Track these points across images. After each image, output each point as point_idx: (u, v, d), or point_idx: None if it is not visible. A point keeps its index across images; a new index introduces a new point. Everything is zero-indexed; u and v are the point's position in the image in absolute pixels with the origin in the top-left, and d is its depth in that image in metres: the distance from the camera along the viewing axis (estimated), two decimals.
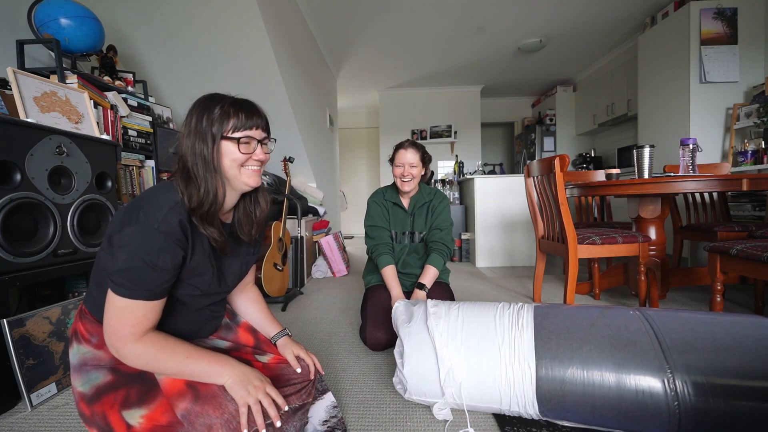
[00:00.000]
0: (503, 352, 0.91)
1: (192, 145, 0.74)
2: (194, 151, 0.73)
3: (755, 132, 2.85)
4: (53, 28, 1.64)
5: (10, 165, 1.15)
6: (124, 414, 0.70)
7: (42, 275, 1.24)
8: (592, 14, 3.68)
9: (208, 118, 0.74)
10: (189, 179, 0.73)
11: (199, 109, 0.76)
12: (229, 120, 0.75)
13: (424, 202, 1.73)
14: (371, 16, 3.63)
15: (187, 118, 0.76)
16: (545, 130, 5.60)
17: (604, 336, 0.81)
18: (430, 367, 0.97)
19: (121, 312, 0.67)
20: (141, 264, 0.66)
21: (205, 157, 0.73)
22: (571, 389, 0.78)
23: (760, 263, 1.24)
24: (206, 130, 0.74)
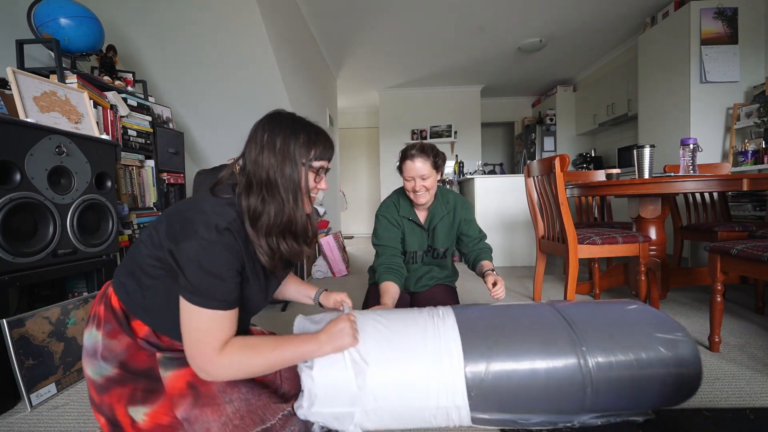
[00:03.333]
0: (428, 347, 0.82)
1: (279, 165, 0.73)
2: (282, 172, 0.74)
3: (755, 132, 2.85)
4: (53, 27, 1.64)
5: (9, 165, 1.15)
6: (130, 410, 0.72)
7: (42, 275, 1.24)
8: (592, 14, 3.68)
9: (296, 143, 0.75)
10: (271, 198, 0.74)
11: (285, 130, 0.76)
12: (312, 149, 0.77)
13: (443, 214, 1.49)
14: (371, 16, 3.63)
15: (267, 135, 0.75)
16: (545, 130, 5.60)
17: (522, 324, 0.85)
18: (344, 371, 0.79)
19: (200, 325, 0.67)
20: (209, 276, 0.67)
21: (295, 180, 0.74)
22: (498, 375, 0.78)
23: (761, 263, 1.24)
24: (295, 154, 0.74)
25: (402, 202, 1.51)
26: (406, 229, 1.50)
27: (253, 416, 0.73)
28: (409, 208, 1.49)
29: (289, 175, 0.74)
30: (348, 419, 0.78)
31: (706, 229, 2.25)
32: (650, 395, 0.78)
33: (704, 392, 1.14)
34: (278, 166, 0.73)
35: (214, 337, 0.68)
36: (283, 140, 0.74)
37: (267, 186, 0.73)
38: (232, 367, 0.69)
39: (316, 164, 0.78)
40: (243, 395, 0.74)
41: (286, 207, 0.74)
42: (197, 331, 0.68)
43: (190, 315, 0.68)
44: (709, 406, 1.07)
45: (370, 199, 6.99)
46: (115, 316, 0.76)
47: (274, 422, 0.75)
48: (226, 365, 0.68)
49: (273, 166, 0.73)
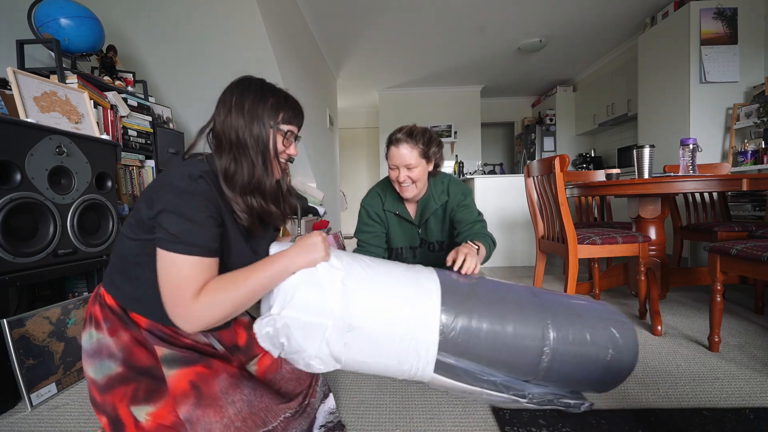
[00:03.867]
0: (409, 283, 0.82)
1: (247, 125, 0.75)
2: (251, 132, 0.75)
3: (755, 132, 2.85)
4: (53, 28, 1.64)
5: (10, 165, 1.15)
6: (133, 409, 0.72)
7: (42, 275, 1.24)
8: (592, 14, 3.68)
9: (264, 105, 0.77)
10: (242, 158, 0.75)
11: (253, 93, 0.77)
12: (280, 112, 0.79)
13: (436, 207, 1.28)
14: (371, 16, 3.63)
15: (235, 98, 0.76)
16: (545, 130, 5.60)
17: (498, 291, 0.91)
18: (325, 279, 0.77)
19: (178, 272, 0.67)
20: (185, 221, 0.67)
21: (263, 139, 0.76)
22: (469, 322, 0.81)
23: (760, 263, 1.24)
24: (262, 116, 0.76)
25: (389, 193, 1.33)
26: (390, 224, 1.33)
27: (255, 418, 0.73)
28: (396, 202, 1.31)
29: (258, 135, 0.76)
30: (317, 333, 0.73)
31: (705, 229, 2.25)
32: (595, 371, 0.84)
33: (704, 392, 1.14)
34: (247, 127, 0.75)
35: (192, 284, 0.67)
36: (252, 102, 0.76)
37: (237, 146, 0.75)
38: (211, 307, 0.67)
39: (284, 127, 0.79)
40: (245, 396, 0.74)
41: (256, 168, 0.76)
42: (176, 278, 0.67)
43: (166, 264, 0.67)
44: (708, 406, 1.07)
45: None
46: (113, 313, 0.76)
47: (276, 425, 0.75)
48: (205, 306, 0.67)
49: (242, 126, 0.75)
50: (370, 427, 1.01)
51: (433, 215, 1.30)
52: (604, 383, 0.87)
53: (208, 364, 0.75)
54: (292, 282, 0.75)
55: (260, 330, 0.73)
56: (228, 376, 0.74)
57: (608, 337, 0.84)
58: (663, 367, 1.30)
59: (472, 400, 1.12)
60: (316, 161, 3.81)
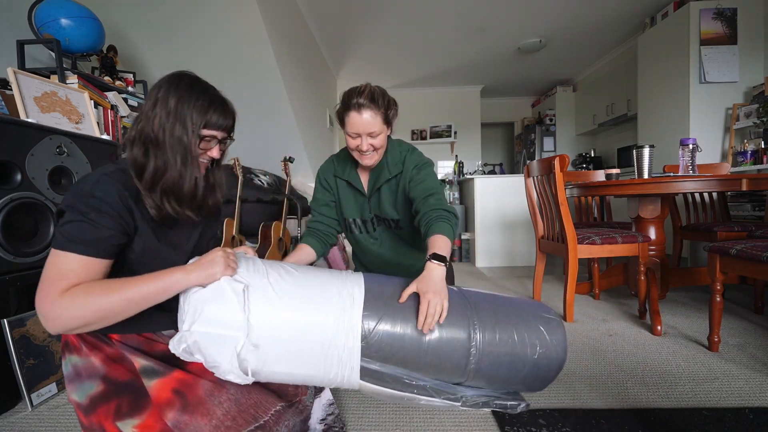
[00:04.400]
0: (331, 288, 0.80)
1: (169, 122, 0.72)
2: (172, 133, 0.73)
3: (755, 132, 2.85)
4: (54, 28, 1.64)
5: (10, 165, 1.15)
6: (119, 424, 0.70)
7: None
8: (592, 14, 3.68)
9: (189, 106, 0.74)
10: (154, 153, 0.73)
11: (180, 92, 0.74)
12: (206, 116, 0.75)
13: (389, 177, 1.17)
14: (371, 16, 3.63)
15: (161, 95, 0.74)
16: (545, 130, 5.61)
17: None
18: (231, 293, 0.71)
19: (54, 267, 0.63)
20: (77, 217, 0.65)
21: (184, 142, 0.73)
22: (392, 327, 0.80)
23: (760, 263, 1.24)
24: (186, 117, 0.73)
25: (342, 159, 1.23)
26: (341, 192, 1.24)
27: (245, 415, 0.72)
28: (350, 169, 1.21)
29: (178, 136, 0.73)
30: (228, 347, 0.69)
31: (705, 229, 2.25)
32: (523, 369, 0.85)
33: (704, 392, 1.14)
34: (168, 124, 0.73)
35: (62, 281, 0.62)
36: (178, 102, 0.73)
37: (153, 141, 0.73)
38: (72, 306, 0.61)
39: (206, 132, 0.76)
40: (232, 395, 0.73)
41: (169, 167, 0.73)
42: (48, 273, 0.63)
43: (48, 260, 0.64)
44: (708, 405, 1.07)
45: None
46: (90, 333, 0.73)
47: (267, 419, 0.74)
48: (66, 305, 0.61)
49: (162, 122, 0.73)
50: (370, 427, 1.01)
51: (386, 185, 1.19)
52: (535, 381, 0.87)
53: (187, 370, 0.74)
54: (201, 297, 0.70)
55: (176, 348, 0.70)
56: (211, 379, 0.73)
57: (536, 335, 0.84)
58: (663, 367, 1.30)
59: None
60: (316, 161, 3.81)
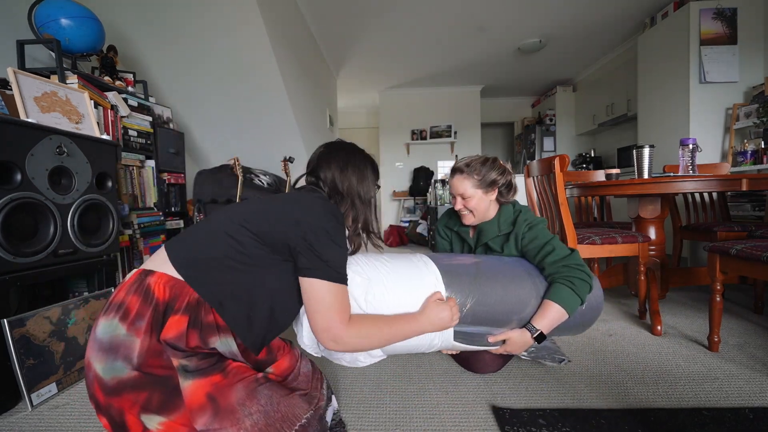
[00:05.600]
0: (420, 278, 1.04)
1: (368, 189, 1.00)
2: (367, 189, 1.00)
3: (755, 132, 2.85)
4: (53, 28, 1.64)
5: (10, 165, 1.15)
6: (143, 417, 0.69)
7: (42, 275, 1.25)
8: (592, 14, 3.68)
9: (373, 174, 1.02)
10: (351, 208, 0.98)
11: (371, 166, 1.02)
12: (377, 175, 1.05)
13: (496, 234, 1.24)
14: (371, 16, 3.63)
15: (359, 168, 0.99)
16: (545, 130, 5.61)
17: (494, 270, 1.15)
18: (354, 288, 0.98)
19: (334, 298, 0.80)
20: (338, 248, 0.82)
21: (372, 201, 1.02)
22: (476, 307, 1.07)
23: (760, 263, 1.24)
24: (372, 183, 1.01)
25: (454, 212, 1.36)
26: (453, 240, 1.41)
27: (271, 429, 0.73)
28: (458, 221, 1.35)
29: (369, 192, 1.01)
30: None
31: (705, 229, 2.25)
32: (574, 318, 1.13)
33: (704, 392, 1.14)
34: (366, 190, 1.00)
35: (344, 310, 0.82)
36: (373, 173, 1.03)
37: (357, 200, 0.99)
38: (360, 336, 0.83)
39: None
40: (262, 407, 0.73)
41: (363, 213, 1.00)
42: (332, 303, 0.80)
43: (322, 290, 0.80)
44: (708, 405, 1.07)
45: None
46: (154, 311, 0.71)
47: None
48: (355, 335, 0.82)
49: (361, 184, 0.99)
50: (370, 427, 1.01)
51: (492, 242, 1.27)
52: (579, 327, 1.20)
53: (225, 372, 0.73)
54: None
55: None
56: (244, 386, 0.73)
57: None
58: (663, 367, 1.30)
59: (471, 399, 1.12)
60: None
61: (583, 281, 1.05)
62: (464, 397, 1.14)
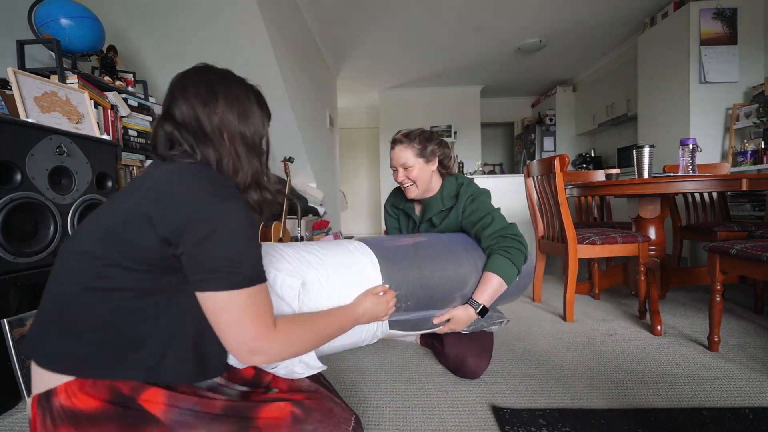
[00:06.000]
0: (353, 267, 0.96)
1: (254, 126, 0.75)
2: (254, 130, 0.75)
3: (755, 132, 2.85)
4: (53, 28, 1.64)
5: (10, 165, 1.15)
6: None
7: (42, 275, 1.24)
8: (592, 14, 3.68)
9: (259, 105, 0.78)
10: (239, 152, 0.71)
11: (253, 93, 0.77)
12: (266, 110, 0.82)
13: (441, 209, 1.25)
14: (371, 16, 3.63)
15: (236, 96, 0.72)
16: (545, 130, 5.61)
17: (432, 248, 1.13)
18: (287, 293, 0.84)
19: (245, 308, 0.60)
20: (248, 241, 0.61)
21: (262, 136, 0.78)
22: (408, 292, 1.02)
23: (760, 263, 1.24)
24: (259, 117, 0.77)
25: (399, 192, 1.39)
26: (400, 218, 1.41)
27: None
28: (403, 197, 1.36)
29: (259, 133, 0.79)
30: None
31: (705, 229, 2.25)
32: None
33: (704, 392, 1.14)
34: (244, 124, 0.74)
35: (262, 315, 0.62)
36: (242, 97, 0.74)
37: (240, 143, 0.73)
38: (288, 342, 0.66)
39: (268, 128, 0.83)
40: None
41: (254, 164, 0.74)
42: (242, 313, 0.60)
43: (223, 303, 0.59)
44: (708, 405, 1.07)
45: (370, 199, 6.99)
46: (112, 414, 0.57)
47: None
48: (282, 339, 0.64)
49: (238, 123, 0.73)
50: (370, 427, 1.01)
51: (436, 217, 1.28)
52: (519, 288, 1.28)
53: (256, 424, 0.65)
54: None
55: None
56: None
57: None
58: (663, 367, 1.30)
59: (471, 399, 1.12)
60: (316, 161, 3.81)
61: (519, 251, 1.09)
62: (464, 397, 1.14)
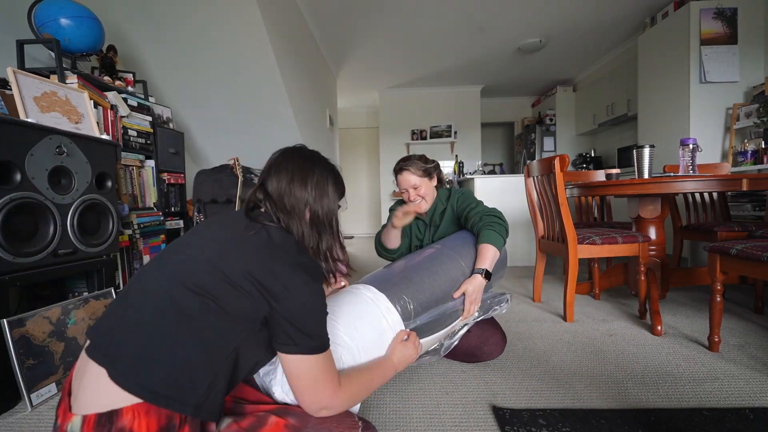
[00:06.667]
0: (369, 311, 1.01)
1: (325, 202, 0.83)
2: (329, 209, 0.84)
3: (755, 132, 2.85)
4: (53, 28, 1.64)
5: (10, 165, 1.15)
6: None
7: (42, 275, 1.24)
8: (592, 14, 3.68)
9: (335, 189, 0.86)
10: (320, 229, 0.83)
11: (332, 178, 0.86)
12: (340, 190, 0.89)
13: (443, 208, 1.53)
14: (371, 16, 3.63)
15: (316, 179, 0.82)
16: (545, 130, 5.60)
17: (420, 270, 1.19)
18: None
19: (319, 372, 0.70)
20: (323, 315, 0.73)
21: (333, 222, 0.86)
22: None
23: (760, 263, 1.24)
24: (333, 200, 0.85)
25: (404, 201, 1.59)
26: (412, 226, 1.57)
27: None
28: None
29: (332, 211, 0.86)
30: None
31: (705, 229, 2.25)
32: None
33: (704, 392, 1.14)
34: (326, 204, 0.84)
35: (332, 378, 0.72)
36: (333, 187, 0.86)
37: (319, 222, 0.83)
38: (350, 398, 0.76)
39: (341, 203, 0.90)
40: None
41: (333, 239, 0.86)
42: (318, 376, 0.70)
43: (307, 366, 0.69)
44: (708, 406, 1.07)
45: (370, 199, 6.99)
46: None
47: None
48: (346, 398, 0.75)
49: (323, 202, 0.84)
50: None
51: (441, 216, 1.52)
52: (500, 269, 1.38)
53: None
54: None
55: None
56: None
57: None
58: (663, 367, 1.30)
59: (471, 400, 1.12)
60: None
61: (501, 225, 1.33)
62: (464, 397, 1.14)
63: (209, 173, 2.48)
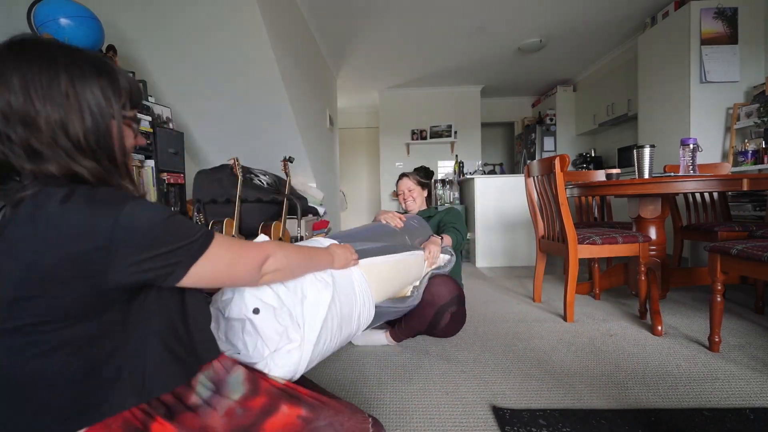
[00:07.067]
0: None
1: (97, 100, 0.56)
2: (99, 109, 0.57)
3: (755, 132, 2.85)
4: (53, 28, 1.64)
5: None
6: None
7: None
8: (592, 14, 3.68)
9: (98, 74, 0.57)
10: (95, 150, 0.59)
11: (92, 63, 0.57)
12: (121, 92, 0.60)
13: (433, 215, 1.90)
14: (371, 16, 3.63)
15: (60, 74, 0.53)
16: (545, 130, 5.60)
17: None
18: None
19: (226, 249, 0.61)
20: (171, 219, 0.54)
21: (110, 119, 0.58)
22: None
23: (761, 263, 1.24)
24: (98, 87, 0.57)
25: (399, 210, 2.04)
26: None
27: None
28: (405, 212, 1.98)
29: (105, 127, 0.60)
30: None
31: (706, 229, 2.25)
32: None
33: (704, 392, 1.14)
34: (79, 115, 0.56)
35: (242, 240, 0.67)
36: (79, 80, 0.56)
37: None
38: (279, 247, 0.73)
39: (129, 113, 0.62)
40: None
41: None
42: (230, 251, 0.62)
43: (212, 260, 0.58)
44: (708, 406, 1.07)
45: (370, 199, 6.99)
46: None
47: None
48: (275, 245, 0.73)
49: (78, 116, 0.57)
50: None
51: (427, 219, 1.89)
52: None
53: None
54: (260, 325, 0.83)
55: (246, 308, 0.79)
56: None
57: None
58: (663, 367, 1.30)
59: (471, 400, 1.12)
60: (316, 161, 3.81)
61: (461, 234, 1.80)
62: (464, 397, 1.14)
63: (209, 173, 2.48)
